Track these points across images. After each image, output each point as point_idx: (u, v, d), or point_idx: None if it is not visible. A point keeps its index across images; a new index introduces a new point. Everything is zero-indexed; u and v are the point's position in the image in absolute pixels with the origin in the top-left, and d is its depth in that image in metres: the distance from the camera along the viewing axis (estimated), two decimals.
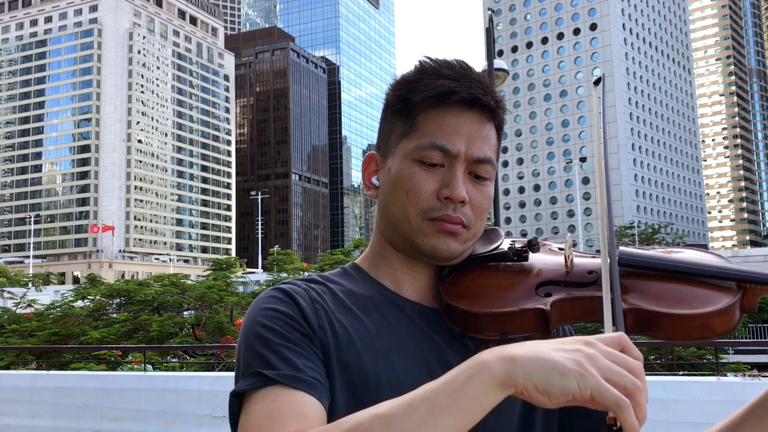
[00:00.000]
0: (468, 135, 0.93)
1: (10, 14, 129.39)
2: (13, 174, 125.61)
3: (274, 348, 0.84)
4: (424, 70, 0.96)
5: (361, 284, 0.98)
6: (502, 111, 0.98)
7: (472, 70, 0.96)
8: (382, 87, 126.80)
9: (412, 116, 0.95)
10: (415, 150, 0.93)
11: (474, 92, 0.93)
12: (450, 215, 0.91)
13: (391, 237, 0.98)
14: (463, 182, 0.92)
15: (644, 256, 0.87)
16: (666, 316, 0.79)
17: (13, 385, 7.02)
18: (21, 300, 14.69)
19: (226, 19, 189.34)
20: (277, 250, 15.27)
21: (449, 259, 0.94)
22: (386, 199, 0.96)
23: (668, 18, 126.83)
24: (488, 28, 11.59)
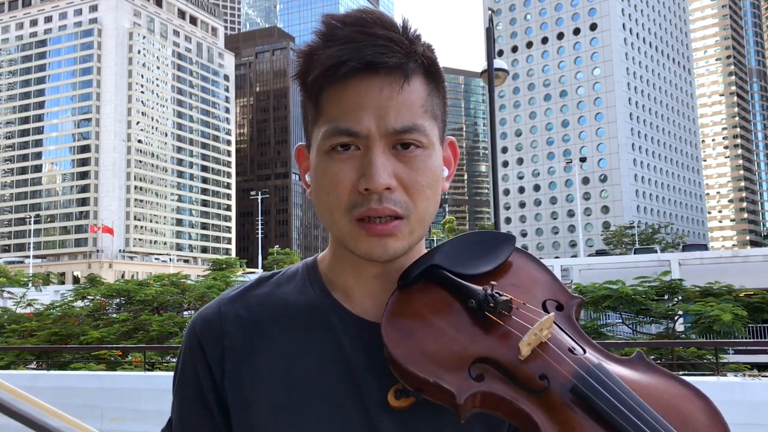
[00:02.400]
0: (376, 106, 0.77)
1: (10, 14, 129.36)
2: (13, 174, 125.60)
3: (178, 414, 0.88)
4: (321, 34, 0.81)
5: (302, 291, 0.89)
6: (423, 58, 0.81)
7: (371, 23, 0.79)
8: None
9: (314, 98, 0.82)
10: (323, 140, 0.80)
11: (367, 54, 0.77)
12: (375, 209, 0.77)
13: (339, 250, 0.88)
14: (384, 163, 0.77)
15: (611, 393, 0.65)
16: None
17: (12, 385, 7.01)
18: (21, 300, 14.71)
19: (226, 19, 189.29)
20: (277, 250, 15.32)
21: (395, 258, 0.80)
22: (315, 202, 0.84)
23: (668, 18, 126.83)
24: (488, 28, 11.60)
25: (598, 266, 25.24)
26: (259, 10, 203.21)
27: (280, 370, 0.83)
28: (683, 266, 26.93)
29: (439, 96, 0.84)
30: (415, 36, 0.82)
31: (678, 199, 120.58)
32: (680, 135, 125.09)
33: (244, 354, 0.85)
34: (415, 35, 0.82)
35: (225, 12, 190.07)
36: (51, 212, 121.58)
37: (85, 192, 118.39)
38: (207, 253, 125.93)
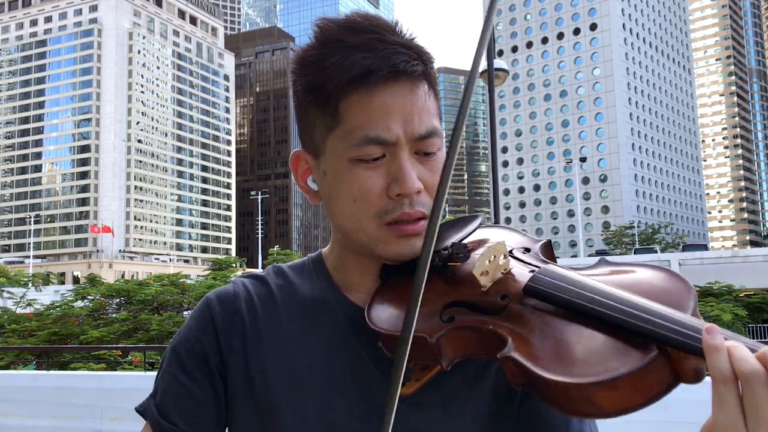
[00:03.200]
0: (402, 113, 0.79)
1: (10, 14, 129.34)
2: (13, 174, 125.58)
3: (166, 378, 0.88)
4: (327, 41, 0.81)
5: (310, 283, 0.92)
6: (432, 67, 0.84)
7: (384, 29, 0.81)
8: None
9: (331, 105, 0.80)
10: (348, 149, 0.80)
11: (396, 63, 0.78)
12: (408, 213, 0.80)
13: (347, 244, 0.88)
14: (411, 168, 0.80)
15: (558, 279, 0.70)
16: (539, 379, 0.62)
17: (13, 385, 7.03)
18: (21, 300, 14.71)
19: (226, 19, 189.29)
20: (277, 250, 15.31)
21: (415, 257, 0.80)
22: (332, 208, 0.85)
23: (668, 18, 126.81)
24: None
25: None
26: (259, 10, 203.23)
27: (285, 355, 0.85)
28: (683, 266, 26.94)
29: (438, 97, 0.86)
30: (416, 39, 0.84)
31: (678, 199, 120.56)
32: (680, 135, 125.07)
33: (252, 335, 0.87)
34: (414, 38, 0.84)
35: (225, 12, 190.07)
36: (51, 212, 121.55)
37: (85, 192, 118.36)
38: (207, 253, 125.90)
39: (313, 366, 0.84)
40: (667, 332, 0.59)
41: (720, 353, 0.54)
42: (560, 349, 0.64)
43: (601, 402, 0.60)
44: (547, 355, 0.63)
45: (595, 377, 0.59)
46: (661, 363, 0.59)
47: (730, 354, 0.53)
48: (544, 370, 0.62)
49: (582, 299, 0.65)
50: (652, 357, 0.59)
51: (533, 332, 0.66)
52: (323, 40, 0.81)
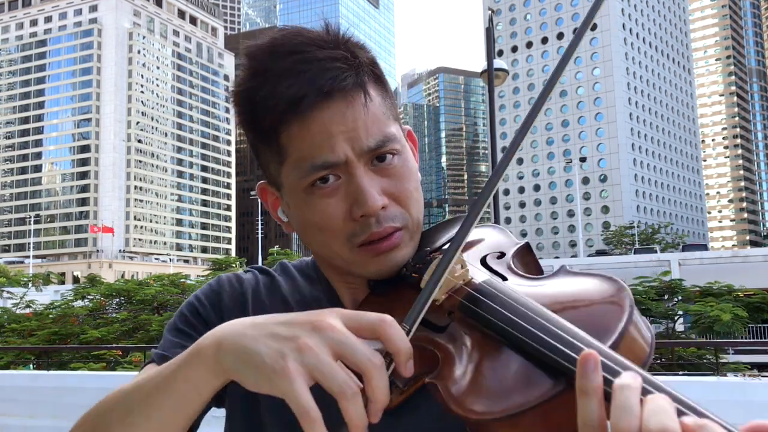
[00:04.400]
0: (344, 131, 0.75)
1: (10, 14, 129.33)
2: (13, 174, 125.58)
3: (172, 332, 0.88)
4: (254, 72, 0.78)
5: (310, 283, 0.93)
6: (368, 66, 0.79)
7: (308, 45, 0.76)
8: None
9: (273, 141, 0.78)
10: (299, 180, 0.77)
11: (322, 84, 0.74)
12: (377, 232, 0.76)
13: (329, 265, 0.88)
14: (371, 184, 0.75)
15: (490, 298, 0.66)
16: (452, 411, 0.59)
17: (13, 385, 7.03)
18: (20, 300, 14.71)
19: (226, 19, 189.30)
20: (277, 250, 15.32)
21: (401, 267, 0.80)
22: (304, 239, 0.83)
23: (668, 18, 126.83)
24: (488, 28, 11.60)
25: (598, 266, 25.23)
26: (259, 10, 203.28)
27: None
28: (683, 266, 26.93)
29: (388, 94, 0.82)
30: (349, 42, 0.79)
31: (678, 199, 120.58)
32: (680, 135, 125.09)
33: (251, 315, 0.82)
34: (348, 40, 0.79)
35: (225, 12, 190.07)
36: (51, 212, 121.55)
37: (85, 192, 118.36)
38: (207, 253, 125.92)
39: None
40: (564, 360, 0.55)
41: (590, 398, 0.49)
42: (479, 381, 0.61)
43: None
44: (465, 389, 0.60)
45: (497, 414, 0.56)
46: (570, 397, 0.52)
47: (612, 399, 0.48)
48: (456, 404, 0.59)
49: (503, 321, 0.62)
50: (557, 391, 0.54)
51: (462, 356, 0.64)
52: (252, 71, 0.78)
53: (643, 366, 0.56)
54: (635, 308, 0.60)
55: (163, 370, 0.64)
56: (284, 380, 0.53)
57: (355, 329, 0.56)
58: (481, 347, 0.63)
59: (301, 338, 0.55)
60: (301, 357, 0.54)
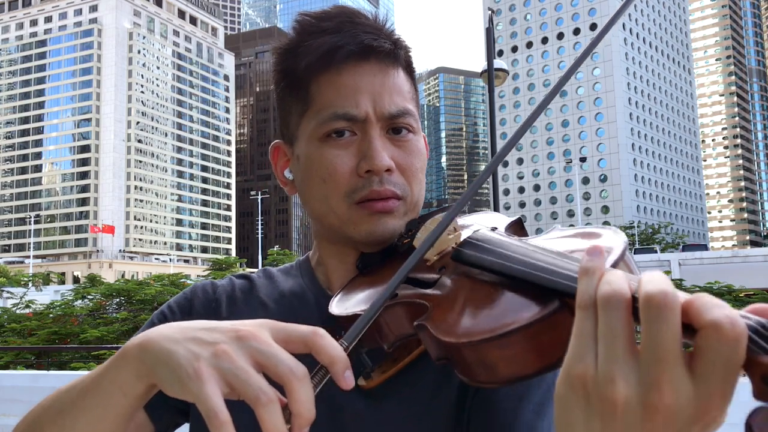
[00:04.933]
0: (371, 90, 0.80)
1: (10, 14, 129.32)
2: (13, 174, 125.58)
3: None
4: (302, 30, 0.83)
5: (293, 281, 0.93)
6: (404, 50, 0.85)
7: (356, 14, 0.83)
8: None
9: (303, 88, 0.82)
10: (317, 127, 0.81)
11: (363, 39, 0.80)
12: (377, 191, 0.79)
13: (322, 231, 0.89)
14: (382, 147, 0.79)
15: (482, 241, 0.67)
16: (442, 344, 0.59)
17: (13, 385, 7.02)
18: (20, 300, 14.69)
19: (226, 19, 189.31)
20: (277, 250, 15.33)
21: (390, 240, 0.82)
22: (305, 193, 0.86)
23: (668, 18, 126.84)
24: (488, 28, 11.60)
25: None
26: (259, 10, 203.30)
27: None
28: (683, 266, 26.94)
29: (414, 88, 0.87)
30: (393, 30, 0.85)
31: (678, 199, 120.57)
32: (680, 135, 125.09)
33: (223, 320, 0.81)
34: (392, 30, 0.85)
35: (225, 12, 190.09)
36: (51, 212, 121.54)
37: (85, 192, 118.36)
38: (207, 253, 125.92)
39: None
40: (558, 278, 0.54)
41: (590, 277, 0.47)
42: (469, 312, 0.61)
43: (496, 363, 0.56)
44: (455, 319, 0.61)
45: (485, 334, 0.55)
46: (562, 319, 0.54)
47: (601, 278, 0.46)
48: (444, 333, 0.59)
49: (493, 256, 0.63)
50: (548, 311, 0.54)
51: (453, 298, 0.64)
52: (299, 30, 0.83)
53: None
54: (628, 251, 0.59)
55: (94, 371, 0.64)
56: (195, 382, 0.53)
57: (284, 341, 0.55)
58: (473, 288, 0.64)
59: (220, 344, 0.54)
60: (217, 361, 0.53)
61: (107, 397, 0.62)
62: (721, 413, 0.42)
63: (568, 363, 0.46)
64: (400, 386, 0.77)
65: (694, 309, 0.41)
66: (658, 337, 0.41)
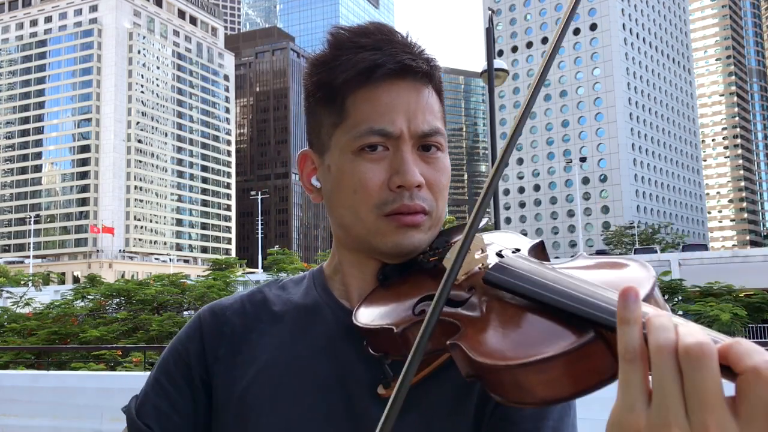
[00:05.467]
0: (407, 109, 0.82)
1: (10, 14, 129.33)
2: (13, 174, 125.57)
3: (150, 381, 0.92)
4: (339, 44, 0.85)
5: (306, 292, 0.94)
6: (437, 72, 0.88)
7: (393, 33, 0.85)
8: None
9: (338, 102, 0.84)
10: (351, 140, 0.82)
11: (402, 59, 0.82)
12: (407, 205, 0.81)
13: (346, 240, 0.90)
14: (414, 163, 0.82)
15: (514, 267, 0.69)
16: (477, 365, 0.61)
17: (13, 385, 7.02)
18: (20, 300, 14.69)
19: (226, 19, 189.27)
20: (277, 250, 15.32)
21: (414, 253, 0.84)
22: (333, 201, 0.87)
23: (668, 18, 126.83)
24: (488, 28, 11.60)
25: None
26: (259, 10, 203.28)
27: (271, 358, 0.87)
28: (683, 266, 26.91)
29: (443, 106, 0.89)
30: (426, 51, 0.87)
31: (678, 199, 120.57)
32: (680, 135, 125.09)
33: (240, 342, 0.90)
34: (423, 49, 0.87)
35: (225, 12, 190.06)
36: (51, 212, 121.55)
37: (85, 192, 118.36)
38: (207, 253, 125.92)
39: (297, 369, 0.85)
40: (594, 310, 0.56)
41: (631, 327, 0.48)
42: (502, 335, 0.63)
43: (532, 387, 0.57)
44: (489, 341, 0.62)
45: (523, 359, 0.57)
46: (597, 348, 0.56)
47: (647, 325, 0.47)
48: (480, 354, 0.61)
49: (527, 282, 0.64)
50: (584, 341, 0.56)
51: (486, 320, 0.66)
52: (334, 44, 0.85)
53: None
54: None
55: None
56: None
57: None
58: (506, 311, 0.65)
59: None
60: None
61: None
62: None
63: (618, 412, 0.47)
64: (420, 398, 0.78)
65: (733, 355, 0.44)
66: (702, 385, 0.43)
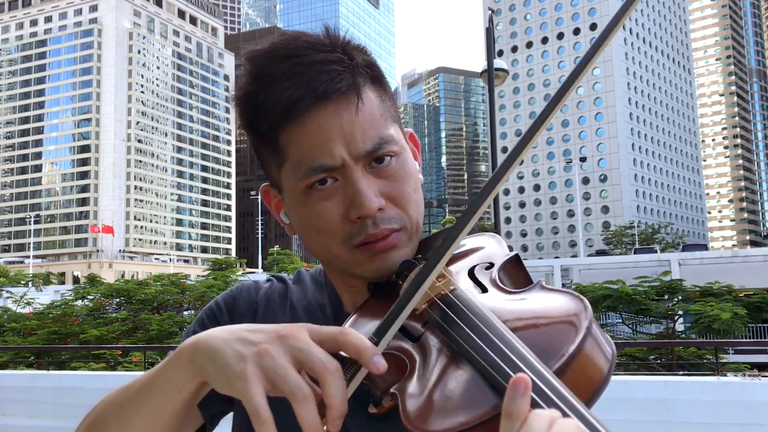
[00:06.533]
0: (341, 134, 0.76)
1: (10, 14, 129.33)
2: (13, 174, 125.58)
3: (188, 334, 0.92)
4: (255, 76, 0.79)
5: (319, 290, 0.95)
6: (367, 68, 0.80)
7: (307, 48, 0.78)
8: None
9: (273, 141, 0.79)
10: (297, 182, 0.78)
11: (317, 86, 0.75)
12: (374, 234, 0.77)
13: (329, 268, 0.91)
14: (369, 186, 0.76)
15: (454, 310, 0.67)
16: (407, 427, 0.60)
17: (12, 385, 7.02)
18: (20, 300, 14.70)
19: (226, 19, 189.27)
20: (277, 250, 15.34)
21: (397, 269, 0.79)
22: (304, 240, 0.85)
23: (668, 18, 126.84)
24: (488, 28, 11.60)
25: (598, 266, 25.22)
26: (259, 10, 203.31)
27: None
28: (683, 266, 26.90)
29: (388, 95, 0.83)
30: (347, 45, 0.81)
31: (678, 199, 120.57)
32: (680, 135, 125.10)
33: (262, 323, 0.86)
34: (347, 43, 0.81)
35: (225, 12, 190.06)
36: (51, 212, 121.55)
37: (85, 192, 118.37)
38: (207, 253, 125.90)
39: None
40: (504, 380, 0.56)
41: (512, 421, 0.50)
42: (430, 394, 0.62)
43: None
44: (418, 401, 0.62)
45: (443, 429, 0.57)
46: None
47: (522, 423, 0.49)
48: (407, 418, 0.61)
49: (461, 336, 0.64)
50: (498, 411, 0.54)
51: (425, 368, 0.65)
52: (252, 75, 0.80)
53: (601, 383, 0.59)
54: (593, 327, 0.61)
55: (152, 369, 0.69)
56: (241, 382, 0.57)
57: (317, 341, 0.59)
58: (444, 361, 0.64)
59: (264, 344, 0.59)
60: (260, 360, 0.58)
61: (163, 393, 0.67)
62: None
63: None
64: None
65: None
66: None
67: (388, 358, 0.65)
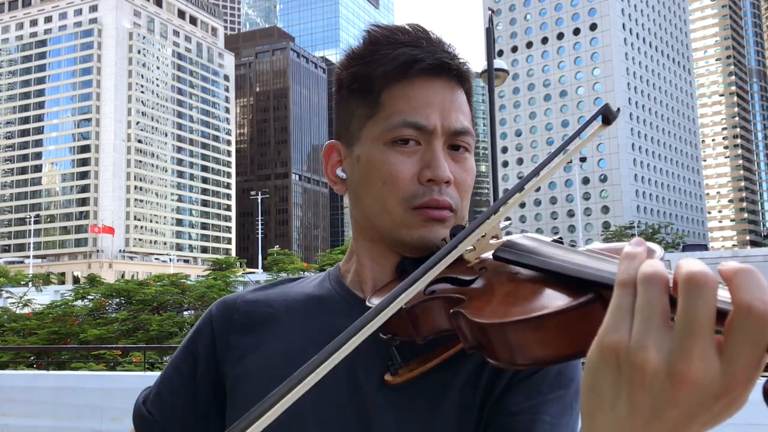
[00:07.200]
0: (441, 106, 0.83)
1: (10, 14, 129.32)
2: (13, 174, 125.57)
3: (165, 373, 0.95)
4: (376, 40, 0.86)
5: (320, 285, 0.96)
6: (470, 76, 0.89)
7: (430, 33, 0.87)
8: None
9: (374, 94, 0.85)
10: (385, 132, 0.83)
11: (440, 57, 0.84)
12: (436, 199, 0.82)
13: (369, 232, 0.89)
14: (444, 159, 0.83)
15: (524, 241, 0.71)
16: (477, 327, 0.63)
17: (12, 385, 7.02)
18: (20, 300, 14.69)
19: (226, 19, 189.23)
20: (277, 250, 15.28)
21: (436, 249, 0.75)
22: (360, 192, 0.87)
23: (668, 18, 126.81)
24: (488, 28, 11.60)
25: None
26: (259, 10, 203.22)
27: (281, 345, 0.88)
28: None
29: (472, 111, 0.91)
30: (458, 52, 0.89)
31: (678, 199, 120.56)
32: (680, 135, 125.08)
33: (250, 331, 0.91)
34: (460, 54, 0.89)
35: (225, 12, 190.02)
36: (51, 212, 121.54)
37: (85, 192, 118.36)
38: (207, 253, 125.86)
39: (305, 354, 0.78)
40: (595, 271, 0.57)
41: (632, 260, 0.48)
42: (504, 300, 0.64)
43: (530, 344, 0.58)
44: (491, 305, 0.64)
45: (520, 315, 0.58)
46: (595, 309, 0.56)
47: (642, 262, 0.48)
48: (479, 316, 0.62)
49: (533, 253, 0.66)
50: (583, 300, 0.57)
51: (490, 291, 0.68)
52: (371, 40, 0.87)
53: None
54: None
55: None
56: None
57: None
58: (511, 281, 0.67)
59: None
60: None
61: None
62: (744, 393, 0.43)
63: (603, 333, 0.47)
64: (427, 386, 0.79)
65: (735, 282, 0.44)
66: (694, 311, 0.43)
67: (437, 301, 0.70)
